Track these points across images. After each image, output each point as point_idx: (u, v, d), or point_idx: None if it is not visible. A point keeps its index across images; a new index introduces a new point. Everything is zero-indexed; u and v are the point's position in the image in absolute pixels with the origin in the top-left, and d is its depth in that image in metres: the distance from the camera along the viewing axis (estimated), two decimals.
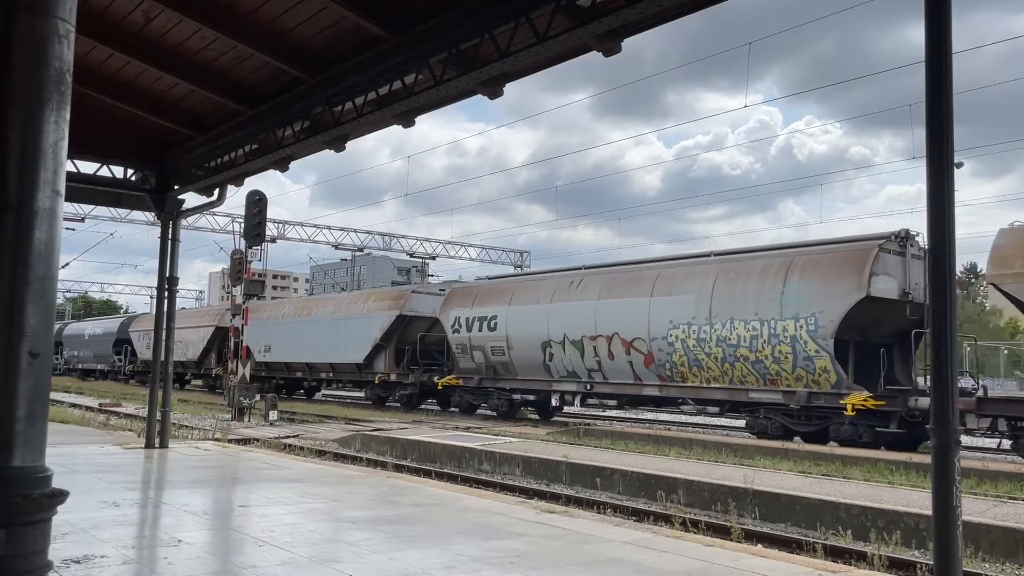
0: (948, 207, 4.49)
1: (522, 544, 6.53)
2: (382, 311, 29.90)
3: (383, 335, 29.45)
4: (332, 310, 33.04)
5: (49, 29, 1.99)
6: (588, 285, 23.04)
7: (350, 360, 31.03)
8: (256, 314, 35.31)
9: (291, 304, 37.53)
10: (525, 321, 24.22)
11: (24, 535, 1.90)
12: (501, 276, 29.25)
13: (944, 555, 4.32)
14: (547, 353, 23.56)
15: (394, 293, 31.38)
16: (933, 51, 4.54)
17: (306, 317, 34.14)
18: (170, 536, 6.55)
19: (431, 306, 29.38)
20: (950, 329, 4.44)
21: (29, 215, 1.96)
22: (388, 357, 29.74)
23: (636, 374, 21.43)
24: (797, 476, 12.08)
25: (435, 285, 30.92)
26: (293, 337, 34.46)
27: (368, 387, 31.47)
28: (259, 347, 35.30)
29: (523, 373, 24.70)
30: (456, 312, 26.80)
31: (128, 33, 9.42)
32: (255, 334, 34.66)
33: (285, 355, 35.15)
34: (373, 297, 31.92)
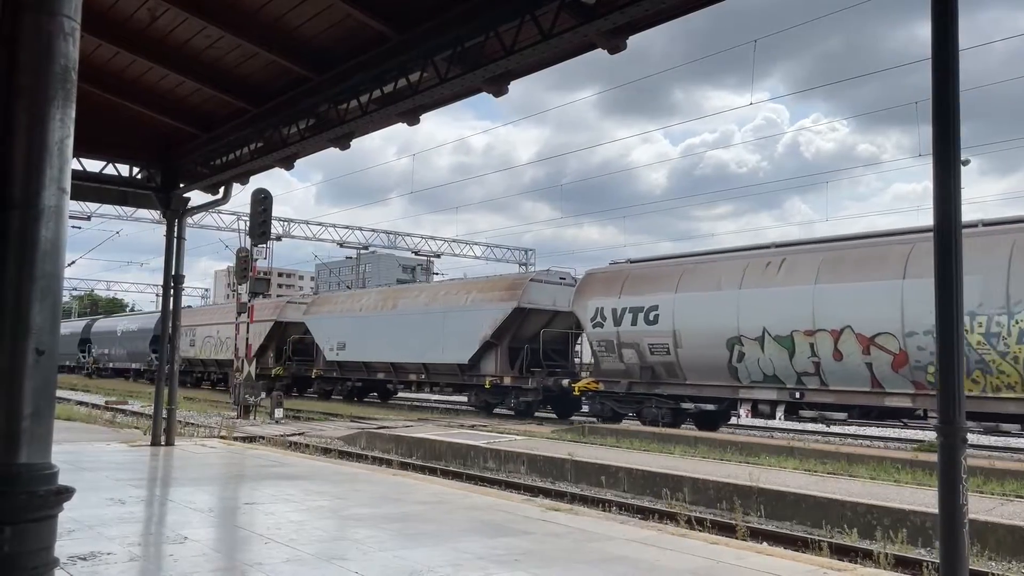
0: (955, 205, 4.48)
1: (527, 542, 6.53)
2: (494, 303, 25.34)
3: (495, 331, 25.06)
4: (426, 302, 28.32)
5: (55, 27, 1.99)
6: (797, 266, 18.03)
7: (450, 360, 26.58)
8: (327, 307, 33.25)
9: (371, 295, 32.46)
10: (701, 312, 19.33)
11: (30, 532, 1.91)
12: (659, 257, 22.86)
13: (950, 553, 4.31)
14: (735, 352, 18.68)
15: (508, 282, 26.34)
16: (940, 49, 4.52)
17: (391, 310, 29.49)
18: (176, 533, 6.57)
19: (551, 297, 25.39)
20: (956, 326, 4.43)
21: (35, 213, 1.97)
22: (500, 357, 25.36)
23: (876, 379, 16.56)
24: (803, 474, 12.05)
25: (555, 273, 26.18)
26: (374, 333, 29.78)
27: (473, 392, 26.82)
28: (330, 344, 31.94)
29: (695, 376, 19.80)
30: (597, 302, 21.86)
31: (133, 31, 9.44)
32: (326, 329, 32.36)
33: (364, 353, 30.48)
34: (479, 287, 26.91)
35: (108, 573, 5.25)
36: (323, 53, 9.33)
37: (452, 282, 30.20)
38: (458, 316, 26.41)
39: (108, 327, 56.05)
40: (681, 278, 20.34)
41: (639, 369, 20.95)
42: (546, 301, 25.49)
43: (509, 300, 25.02)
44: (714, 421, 21.16)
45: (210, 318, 41.94)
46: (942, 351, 4.45)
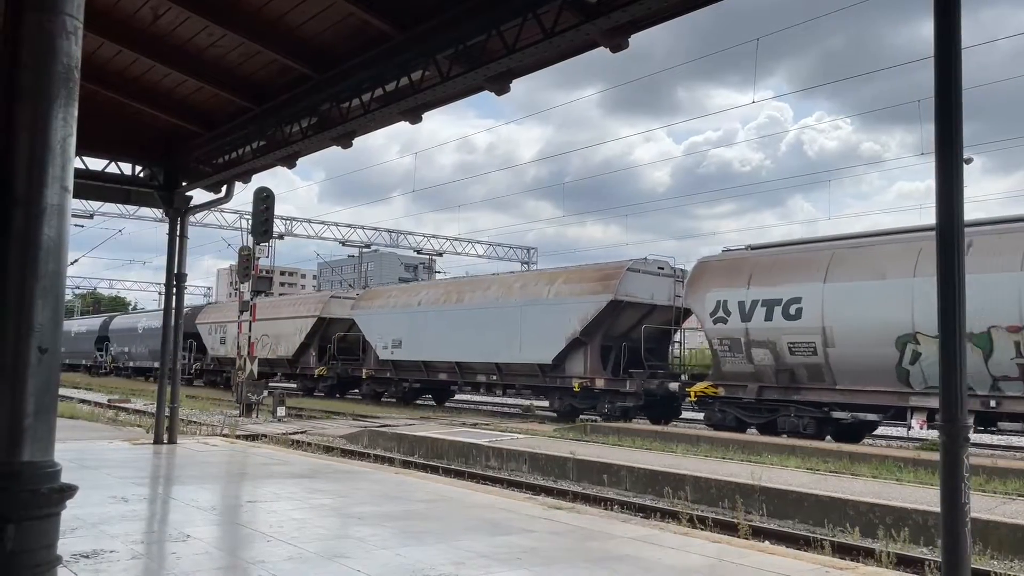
0: (957, 203, 4.48)
1: (529, 540, 6.53)
2: (584, 295, 22.48)
3: (585, 327, 22.17)
4: (499, 295, 25.14)
5: (57, 25, 1.99)
6: (994, 248, 14.98)
7: (529, 360, 23.65)
8: (378, 301, 30.36)
9: (431, 289, 29.34)
10: (861, 305, 16.39)
11: (33, 529, 1.91)
12: (790, 242, 19.82)
13: (952, 552, 4.31)
14: (907, 352, 15.83)
15: (601, 271, 23.04)
16: (942, 47, 4.52)
17: (456, 304, 26.55)
18: (179, 531, 6.58)
19: (648, 289, 22.52)
20: (959, 324, 4.42)
21: (38, 211, 1.97)
22: (590, 357, 22.50)
23: None
24: (805, 473, 12.05)
25: (652, 261, 23.17)
26: (436, 330, 26.97)
27: (557, 395, 23.82)
28: (385, 342, 29.14)
29: (848, 380, 16.81)
30: (718, 294, 18.99)
31: (136, 30, 9.45)
32: (378, 326, 29.49)
33: (423, 352, 27.61)
34: (565, 277, 23.77)
35: (111, 571, 5.26)
36: (325, 52, 9.33)
37: (529, 273, 26.76)
38: (540, 310, 23.48)
39: (128, 324, 52.38)
40: (831, 265, 17.18)
41: (773, 372, 17.88)
42: (643, 293, 22.51)
43: (603, 292, 22.00)
44: (858, 433, 18.28)
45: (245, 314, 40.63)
46: (944, 349, 4.45)
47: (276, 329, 34.96)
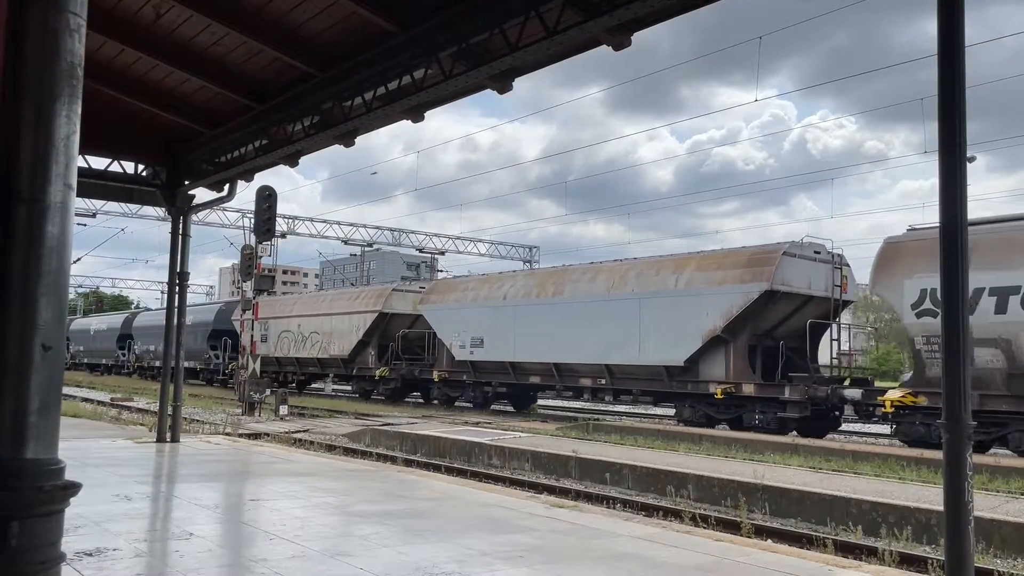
0: (960, 202, 4.47)
1: (532, 539, 6.53)
2: (727, 285, 19.14)
3: (729, 323, 18.93)
4: (609, 286, 21.81)
5: (61, 23, 1.99)
6: None
7: (653, 361, 20.37)
8: (453, 295, 27.13)
9: (519, 280, 25.53)
10: None
11: (37, 527, 1.92)
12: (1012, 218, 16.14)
13: (955, 551, 4.30)
14: None
15: (749, 256, 19.50)
16: (945, 45, 4.51)
17: (552, 297, 23.26)
18: (182, 529, 6.59)
19: (805, 277, 19.14)
20: (962, 323, 4.42)
21: (42, 209, 1.97)
22: (734, 357, 19.32)
23: None
24: (807, 472, 12.04)
25: (809, 245, 19.68)
26: (528, 327, 23.66)
27: (687, 403, 20.21)
28: (462, 340, 26.13)
29: None
30: (922, 281, 15.63)
31: (139, 29, 9.46)
32: (454, 322, 26.38)
33: (511, 352, 24.21)
34: (696, 264, 20.33)
35: (114, 569, 5.27)
36: (327, 50, 9.33)
37: (646, 260, 22.41)
38: (666, 303, 20.11)
39: (154, 320, 48.05)
40: None
41: (1003, 377, 14.83)
42: (800, 282, 19.10)
43: (754, 280, 18.59)
44: None
45: (288, 309, 36.05)
46: (947, 348, 4.45)
47: (328, 326, 32.03)
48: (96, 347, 55.54)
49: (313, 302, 34.46)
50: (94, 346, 55.81)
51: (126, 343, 51.22)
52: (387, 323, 30.34)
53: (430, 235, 47.38)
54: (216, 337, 40.31)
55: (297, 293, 41.76)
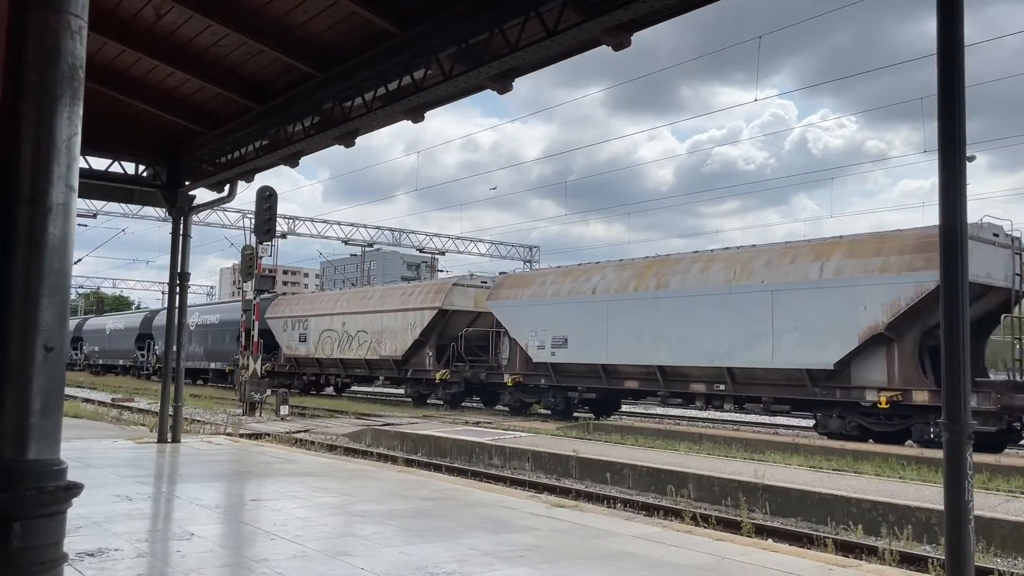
0: (960, 201, 4.47)
1: (532, 538, 6.54)
2: (890, 275, 16.02)
3: (895, 319, 15.86)
4: (729, 277, 18.80)
5: (62, 24, 2.00)
6: None
7: (794, 364, 17.29)
8: (528, 289, 24.29)
9: (612, 272, 22.17)
10: None
11: (39, 527, 1.92)
12: None
13: (956, 550, 4.31)
14: None
15: (918, 240, 16.12)
16: (945, 44, 4.51)
17: (656, 291, 20.23)
18: (183, 530, 6.60)
19: (984, 264, 15.74)
20: (962, 323, 4.42)
21: (43, 210, 1.98)
22: (899, 360, 16.17)
23: None
24: (808, 471, 12.05)
25: (988, 227, 16.47)
26: (625, 324, 20.73)
27: (835, 411, 17.16)
28: (540, 340, 23.18)
29: None
30: None
31: (139, 30, 9.46)
32: (530, 320, 23.62)
33: (603, 353, 21.33)
34: (846, 250, 17.17)
35: (116, 569, 5.28)
36: (327, 50, 9.34)
37: (777, 246, 19.15)
38: (808, 296, 17.19)
39: None
40: None
41: None
42: (980, 270, 15.70)
43: (927, 268, 15.30)
44: None
45: (331, 306, 32.98)
46: (947, 348, 4.45)
47: (378, 324, 29.24)
48: (113, 347, 52.70)
49: (360, 298, 31.65)
50: (111, 346, 52.99)
51: (145, 343, 48.63)
52: (447, 321, 27.44)
53: (430, 235, 47.39)
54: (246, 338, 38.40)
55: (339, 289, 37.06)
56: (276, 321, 35.57)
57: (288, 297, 39.68)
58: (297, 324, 34.34)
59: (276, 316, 35.71)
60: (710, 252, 20.75)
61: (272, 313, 35.78)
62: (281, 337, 35.23)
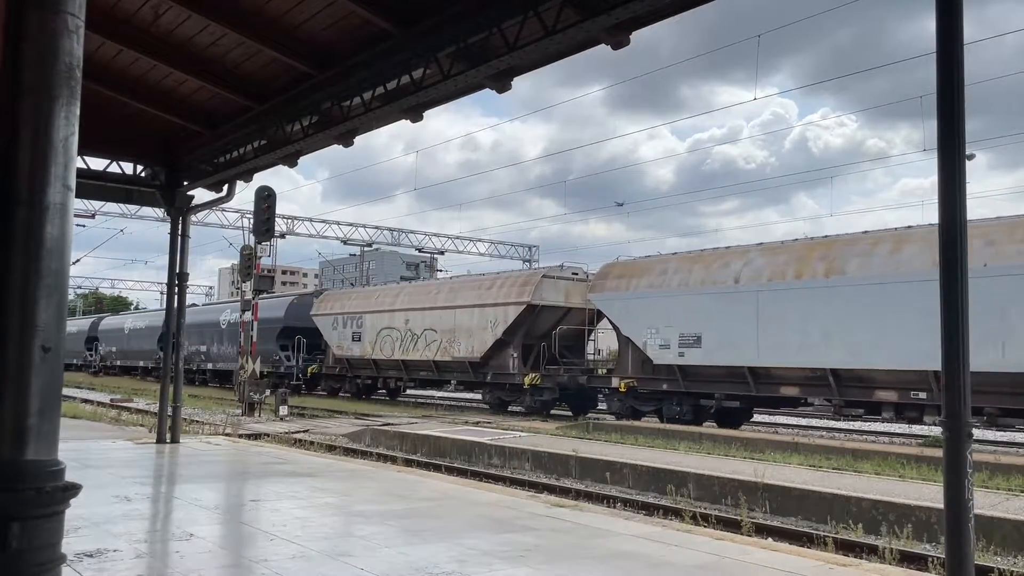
0: (959, 200, 4.47)
1: (532, 538, 6.54)
2: None
3: None
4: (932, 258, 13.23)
5: (59, 24, 1.99)
6: None
7: None
8: (649, 279, 20.89)
9: (760, 256, 19.10)
10: None
11: (38, 528, 1.92)
12: None
13: (956, 548, 4.30)
14: None
15: None
16: (944, 43, 4.51)
17: (825, 278, 17.04)
18: (182, 530, 6.59)
19: None
20: (962, 321, 4.42)
21: (41, 210, 1.97)
22: None
23: None
24: (808, 470, 12.05)
25: None
26: (780, 318, 17.69)
27: None
28: (661, 338, 20.15)
29: None
30: None
31: (137, 29, 9.45)
32: (648, 315, 20.45)
33: (756, 353, 18.26)
34: None
35: (115, 570, 5.27)
36: (326, 50, 9.33)
37: (994, 224, 15.55)
38: None
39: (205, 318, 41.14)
40: None
41: None
42: None
43: None
44: None
45: (391, 302, 29.59)
46: (947, 345, 4.45)
47: (450, 322, 26.16)
48: (132, 347, 48.90)
49: (426, 293, 28.30)
50: (130, 346, 49.30)
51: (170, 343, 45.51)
52: (535, 317, 24.03)
53: (429, 235, 47.39)
54: (288, 335, 34.07)
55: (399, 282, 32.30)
56: (324, 319, 32.21)
57: (337, 292, 35.91)
58: (349, 322, 30.68)
59: (324, 313, 32.32)
60: (895, 231, 17.43)
61: (320, 310, 32.62)
62: (330, 336, 31.89)
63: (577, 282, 24.71)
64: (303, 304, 34.51)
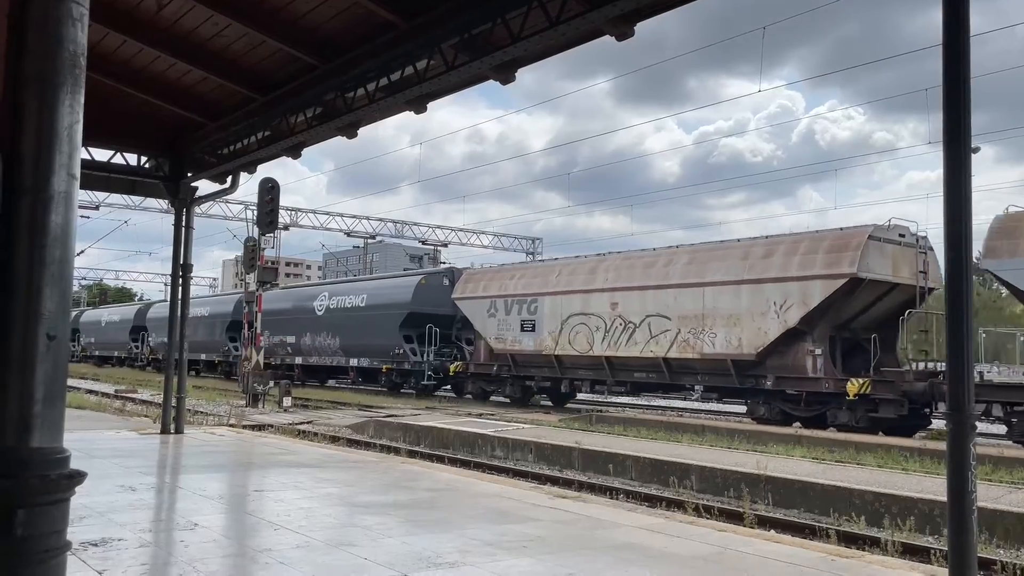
0: (965, 193, 4.45)
1: (535, 529, 6.55)
2: None
3: None
4: None
5: (63, 11, 1.99)
6: None
7: None
8: None
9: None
10: None
11: (42, 515, 1.92)
12: None
13: (959, 541, 4.30)
14: None
15: None
16: (950, 34, 4.48)
17: None
18: (186, 520, 6.62)
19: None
20: (966, 315, 4.41)
21: (45, 198, 1.97)
22: None
23: None
24: (810, 462, 12.05)
25: None
26: None
27: None
28: None
29: None
30: None
31: (141, 20, 9.44)
32: None
33: None
34: None
35: (120, 559, 5.29)
36: (330, 41, 9.31)
37: None
38: None
39: (297, 303, 35.26)
40: None
41: None
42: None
43: None
44: None
45: (586, 279, 22.94)
46: (951, 338, 4.44)
47: (694, 304, 19.70)
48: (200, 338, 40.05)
49: (647, 266, 21.38)
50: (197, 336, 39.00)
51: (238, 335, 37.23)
52: (849, 298, 17.60)
53: (433, 227, 47.36)
54: (415, 324, 27.75)
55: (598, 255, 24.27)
56: (474, 303, 25.75)
57: (492, 269, 27.89)
58: (517, 306, 24.16)
59: (473, 296, 25.72)
60: None
61: (466, 291, 26.07)
62: (485, 325, 25.34)
63: (904, 247, 18.23)
64: (434, 285, 28.54)
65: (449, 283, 28.49)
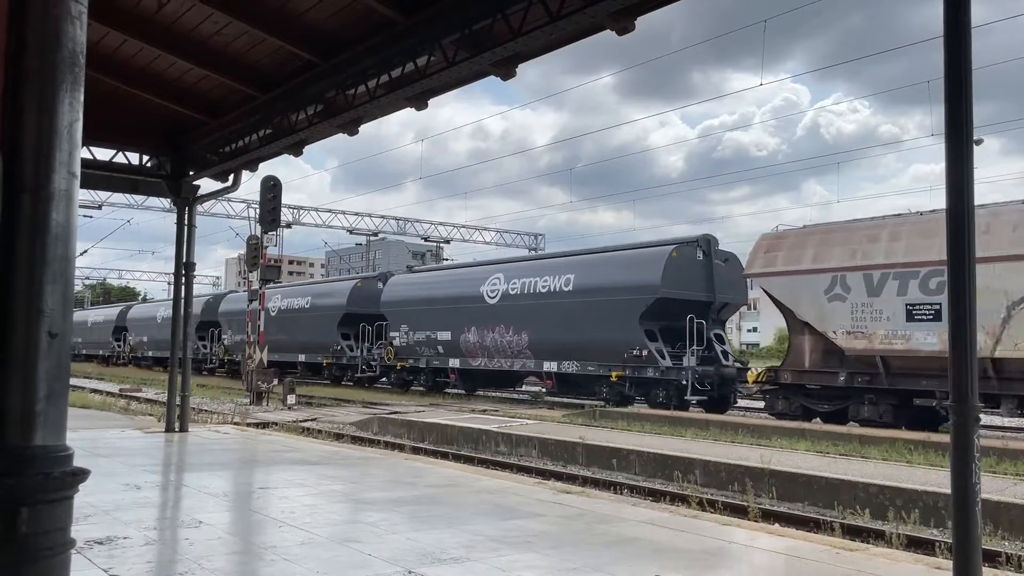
0: (967, 185, 4.44)
1: (540, 524, 6.56)
2: None
3: None
4: None
5: (62, 9, 1.99)
6: None
7: None
8: None
9: None
10: None
11: (46, 513, 1.93)
12: None
13: (963, 533, 4.30)
14: None
15: None
16: (951, 25, 4.46)
17: None
18: (191, 518, 6.63)
19: None
20: (968, 305, 4.40)
21: (46, 196, 1.97)
22: None
23: None
24: (815, 456, 12.04)
25: None
26: None
27: None
28: None
29: None
30: None
31: (142, 18, 9.44)
32: None
33: None
34: None
35: (125, 556, 5.31)
36: (330, 38, 9.30)
37: None
38: None
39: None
40: None
41: None
42: None
43: None
44: None
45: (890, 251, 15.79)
46: (954, 329, 4.43)
47: None
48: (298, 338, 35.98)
49: None
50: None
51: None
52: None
53: (435, 224, 47.34)
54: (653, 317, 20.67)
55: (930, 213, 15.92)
56: (792, 281, 17.38)
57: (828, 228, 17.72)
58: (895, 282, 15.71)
59: (791, 270, 17.33)
60: None
61: (775, 263, 17.76)
62: (822, 311, 16.85)
63: None
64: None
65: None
